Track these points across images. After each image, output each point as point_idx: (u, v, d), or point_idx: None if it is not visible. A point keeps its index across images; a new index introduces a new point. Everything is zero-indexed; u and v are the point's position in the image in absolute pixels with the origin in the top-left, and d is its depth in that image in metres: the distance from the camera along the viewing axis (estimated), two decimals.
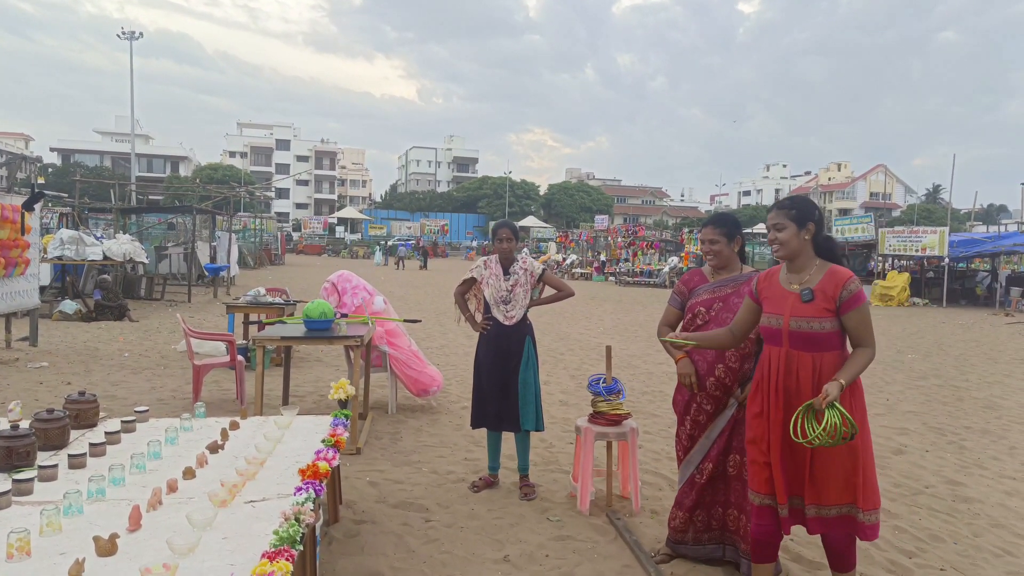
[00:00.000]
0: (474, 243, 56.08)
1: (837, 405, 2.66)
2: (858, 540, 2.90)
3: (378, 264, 37.43)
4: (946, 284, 22.00)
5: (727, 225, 3.53)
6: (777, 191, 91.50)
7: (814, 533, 2.88)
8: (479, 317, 4.60)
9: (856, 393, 2.83)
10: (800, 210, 2.91)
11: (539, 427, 4.50)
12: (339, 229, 58.56)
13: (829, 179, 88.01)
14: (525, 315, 4.54)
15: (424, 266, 36.17)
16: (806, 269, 2.90)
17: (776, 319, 2.89)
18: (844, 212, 67.69)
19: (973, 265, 25.53)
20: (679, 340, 3.16)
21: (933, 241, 22.02)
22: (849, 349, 2.86)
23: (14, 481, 2.56)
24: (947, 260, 22.02)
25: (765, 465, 2.90)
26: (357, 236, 57.23)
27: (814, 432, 2.65)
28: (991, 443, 6.08)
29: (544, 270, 4.64)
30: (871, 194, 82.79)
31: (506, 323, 4.47)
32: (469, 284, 4.68)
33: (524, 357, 4.49)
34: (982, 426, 6.67)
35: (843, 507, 2.81)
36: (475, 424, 4.57)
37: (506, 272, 4.54)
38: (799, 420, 2.70)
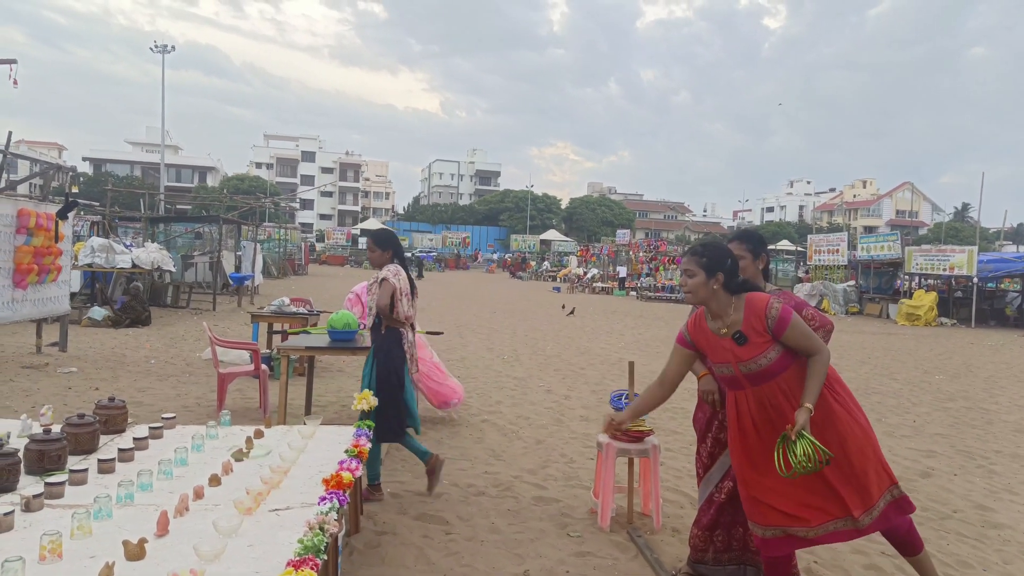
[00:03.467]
0: (495, 255, 56.20)
1: (806, 434, 2.68)
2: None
3: (417, 278, 37.68)
4: (975, 304, 21.60)
5: (753, 242, 3.51)
6: (801, 207, 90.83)
7: (876, 530, 2.89)
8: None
9: (837, 390, 2.91)
10: (711, 259, 2.94)
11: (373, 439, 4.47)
12: (362, 240, 59.02)
13: (854, 196, 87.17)
14: (380, 325, 4.52)
15: (419, 276, 36.59)
16: (726, 312, 2.93)
17: (727, 368, 2.94)
18: (869, 230, 66.90)
19: (1003, 285, 25.01)
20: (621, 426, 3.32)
21: (961, 260, 21.65)
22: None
23: (46, 484, 2.61)
24: (976, 279, 21.64)
25: (768, 500, 2.88)
26: None
27: (796, 461, 2.67)
28: (1022, 468, 5.95)
29: (382, 279, 4.52)
30: (897, 212, 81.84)
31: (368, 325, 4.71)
32: None
33: (369, 357, 4.61)
34: (1012, 450, 6.53)
35: (887, 492, 2.86)
36: None
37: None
38: (780, 453, 2.72)
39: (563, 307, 20.73)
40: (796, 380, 2.83)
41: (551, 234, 57.36)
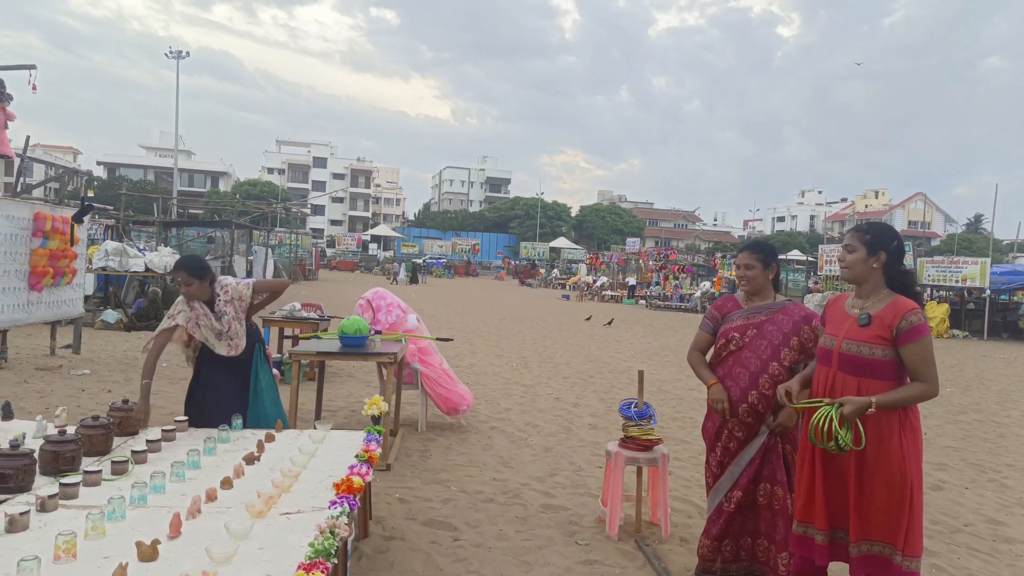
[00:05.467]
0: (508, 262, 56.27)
1: (835, 412, 2.61)
2: None
3: (400, 281, 37.68)
4: (987, 316, 21.44)
5: (764, 252, 3.53)
6: (812, 217, 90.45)
7: (857, 574, 2.76)
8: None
9: (908, 433, 2.72)
10: (875, 236, 2.86)
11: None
12: (372, 246, 59.28)
13: (866, 206, 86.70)
14: (250, 345, 4.22)
15: (413, 281, 36.83)
16: (872, 296, 2.85)
17: (831, 340, 2.87)
18: None
19: (1016, 298, 24.77)
20: (802, 403, 2.92)
21: (974, 272, 21.52)
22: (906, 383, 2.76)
23: (61, 485, 2.64)
24: (988, 292, 21.48)
25: (810, 489, 2.85)
26: (389, 253, 57.87)
27: (820, 423, 2.63)
28: None
29: (253, 285, 4.20)
30: (909, 222, 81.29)
31: (233, 353, 4.09)
32: (170, 333, 4.04)
33: (254, 366, 4.17)
34: None
35: (881, 545, 2.70)
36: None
37: (212, 308, 4.08)
38: (819, 420, 2.68)
39: (588, 318, 20.00)
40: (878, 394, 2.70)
41: (561, 242, 57.37)
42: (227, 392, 4.09)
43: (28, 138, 9.93)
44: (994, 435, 7.65)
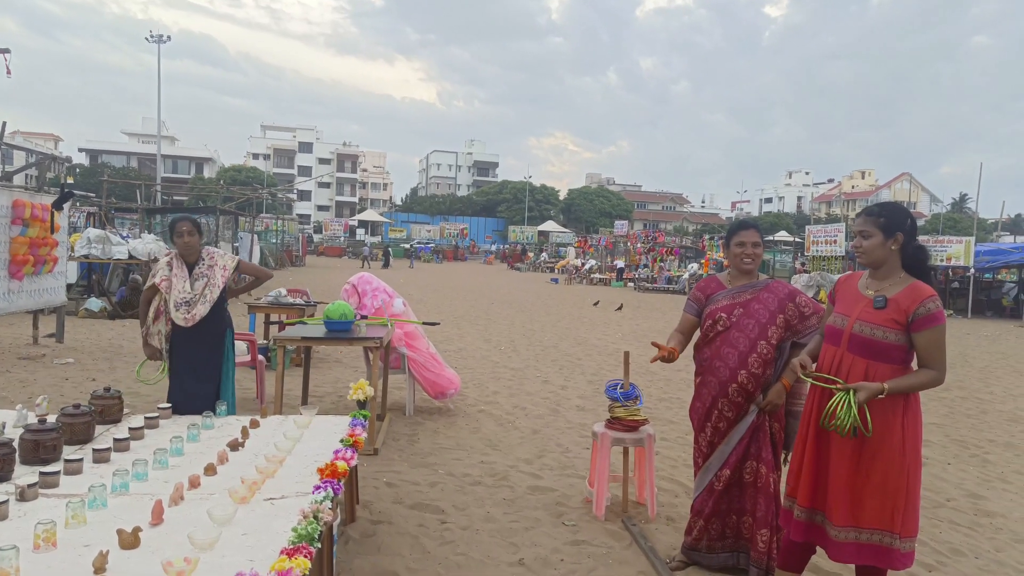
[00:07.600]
0: (493, 247, 56.18)
1: (852, 397, 2.60)
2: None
3: (374, 265, 37.56)
4: (971, 295, 21.66)
5: (761, 232, 3.60)
6: (799, 198, 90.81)
7: (839, 560, 2.75)
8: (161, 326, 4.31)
9: (909, 416, 2.71)
10: (889, 218, 2.81)
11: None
12: (359, 231, 58.98)
13: (852, 187, 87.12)
14: (219, 308, 4.31)
15: (386, 265, 37.02)
16: (888, 279, 2.82)
17: (842, 319, 2.84)
18: None
19: (999, 276, 25.07)
20: (813, 379, 2.87)
21: (959, 251, 21.70)
22: (913, 369, 2.76)
23: (41, 474, 2.62)
24: (973, 270, 21.69)
25: (799, 465, 2.87)
26: (377, 239, 57.62)
27: (837, 410, 2.62)
28: (1015, 457, 5.99)
29: (239, 261, 4.41)
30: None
31: (186, 324, 4.11)
32: (152, 291, 4.29)
33: (224, 351, 4.38)
34: (1006, 440, 6.56)
35: (870, 533, 2.67)
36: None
37: (191, 271, 4.21)
38: (835, 405, 2.67)
39: (596, 303, 19.82)
40: (883, 380, 2.68)
41: (549, 225, 57.33)
42: (190, 357, 4.27)
43: (4, 124, 9.75)
44: (977, 411, 7.75)
